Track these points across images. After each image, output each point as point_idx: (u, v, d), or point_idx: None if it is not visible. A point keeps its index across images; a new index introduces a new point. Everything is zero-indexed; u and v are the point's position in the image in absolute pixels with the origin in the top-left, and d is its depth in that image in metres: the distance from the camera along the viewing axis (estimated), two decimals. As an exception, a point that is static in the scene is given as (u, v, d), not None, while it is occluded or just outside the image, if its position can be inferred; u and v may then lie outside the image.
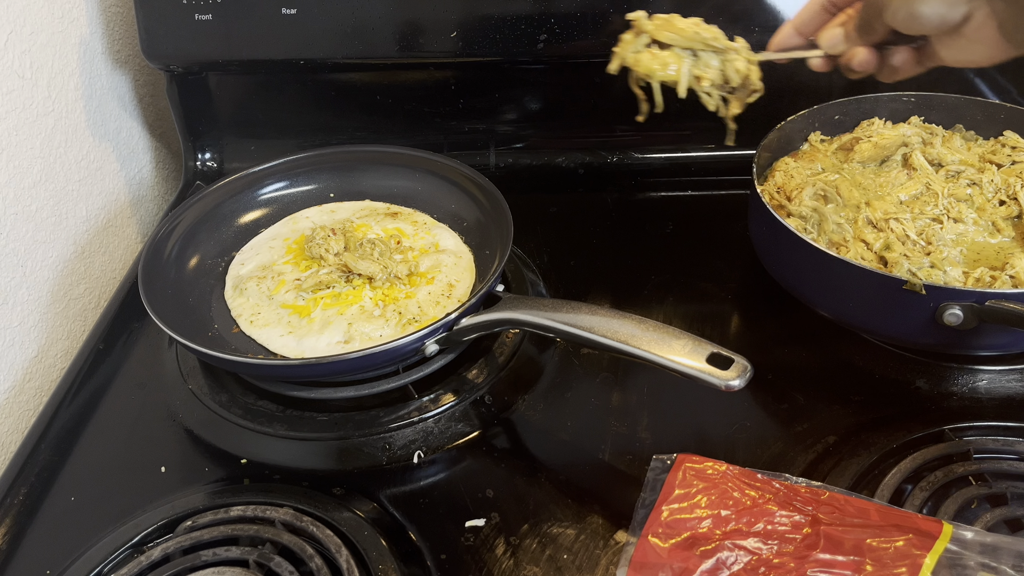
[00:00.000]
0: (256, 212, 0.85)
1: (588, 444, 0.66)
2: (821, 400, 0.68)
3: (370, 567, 0.55)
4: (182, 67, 0.93)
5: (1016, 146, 0.78)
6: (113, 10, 0.93)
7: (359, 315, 0.71)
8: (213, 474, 0.65)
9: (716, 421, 0.67)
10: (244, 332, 0.73)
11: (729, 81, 0.63)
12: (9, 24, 0.76)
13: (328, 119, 0.99)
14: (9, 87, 0.76)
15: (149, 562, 0.57)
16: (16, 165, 0.77)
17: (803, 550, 0.51)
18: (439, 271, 0.76)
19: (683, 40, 0.63)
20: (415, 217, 0.83)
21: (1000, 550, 0.50)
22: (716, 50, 0.62)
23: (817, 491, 0.55)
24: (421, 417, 0.67)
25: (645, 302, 0.79)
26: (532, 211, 0.90)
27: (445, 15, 0.88)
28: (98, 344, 0.78)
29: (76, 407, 0.72)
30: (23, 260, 0.78)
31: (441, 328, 0.65)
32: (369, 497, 0.62)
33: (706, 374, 0.55)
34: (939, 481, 0.58)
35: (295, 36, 0.88)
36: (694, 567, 0.51)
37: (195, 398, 0.70)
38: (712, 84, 0.63)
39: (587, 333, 0.60)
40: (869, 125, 0.83)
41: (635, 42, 0.64)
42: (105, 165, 0.92)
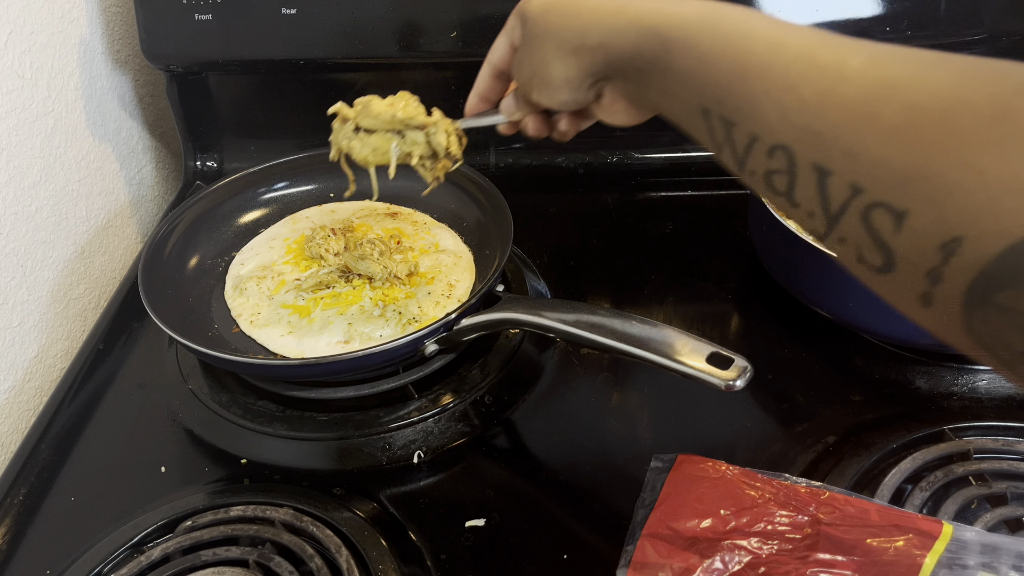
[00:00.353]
0: (256, 212, 0.86)
1: (588, 444, 0.66)
2: (821, 400, 0.68)
3: (370, 567, 0.55)
4: (182, 67, 0.93)
5: (1016, 146, 0.78)
6: (113, 10, 0.93)
7: (359, 315, 0.71)
8: (213, 474, 0.65)
9: (716, 421, 0.67)
10: (244, 332, 0.73)
11: (437, 152, 0.66)
12: (9, 24, 0.76)
13: (328, 119, 0.99)
14: (9, 87, 0.76)
15: (149, 562, 0.57)
16: (16, 165, 0.77)
17: (803, 550, 0.51)
18: (439, 271, 0.76)
19: (384, 124, 0.66)
20: (415, 217, 0.84)
21: (1000, 550, 0.50)
22: (417, 127, 0.65)
23: (817, 491, 0.55)
24: (421, 417, 0.67)
25: (645, 302, 0.79)
26: (532, 211, 0.90)
27: (445, 15, 0.88)
28: (98, 344, 0.78)
29: (76, 407, 0.72)
30: (23, 260, 0.78)
31: (441, 328, 0.65)
32: (369, 497, 0.62)
33: (706, 374, 0.55)
34: (939, 481, 0.58)
35: (295, 36, 0.88)
36: (694, 567, 0.51)
37: (195, 398, 0.70)
38: (423, 158, 0.66)
39: (587, 333, 0.60)
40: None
41: (344, 129, 0.68)
42: (105, 165, 0.92)
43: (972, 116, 0.28)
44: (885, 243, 0.31)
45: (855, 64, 0.33)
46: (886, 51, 0.33)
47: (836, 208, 0.32)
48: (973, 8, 0.87)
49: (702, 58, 0.39)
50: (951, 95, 0.29)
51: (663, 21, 0.41)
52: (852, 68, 0.33)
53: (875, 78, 0.32)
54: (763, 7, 0.87)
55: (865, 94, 0.32)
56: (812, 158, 0.33)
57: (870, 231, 0.31)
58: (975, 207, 0.27)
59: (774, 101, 0.35)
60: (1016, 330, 0.27)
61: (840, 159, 0.32)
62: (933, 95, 0.30)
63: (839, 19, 0.88)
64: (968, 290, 0.28)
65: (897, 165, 0.30)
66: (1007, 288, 0.27)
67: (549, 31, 0.47)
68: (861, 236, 0.31)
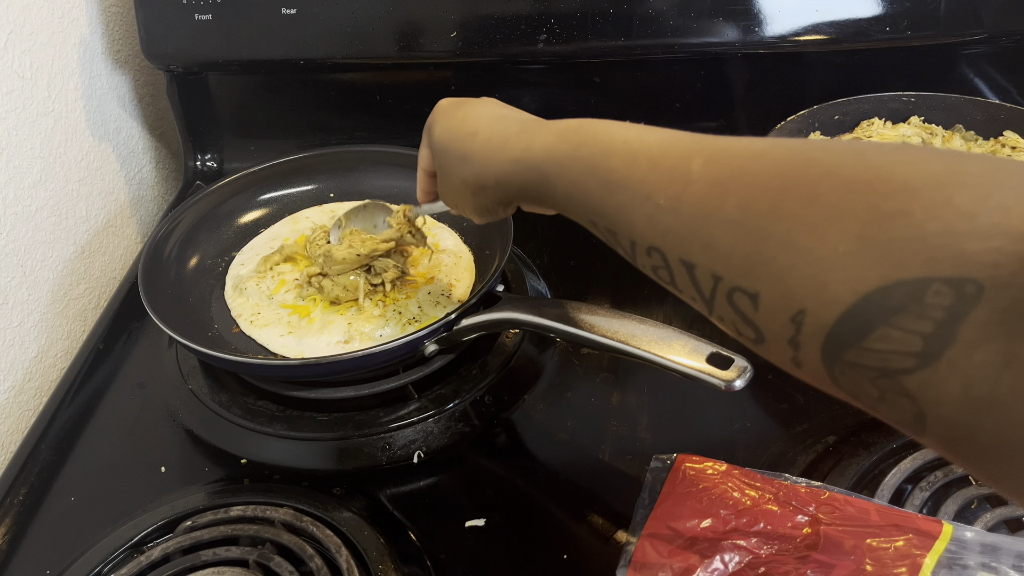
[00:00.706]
0: (256, 212, 0.86)
1: (588, 444, 0.66)
2: (821, 400, 0.68)
3: (370, 567, 0.55)
4: (182, 67, 0.93)
5: (1016, 146, 0.78)
6: (113, 10, 0.93)
7: (359, 315, 0.71)
8: (213, 474, 0.65)
9: (716, 421, 0.67)
10: (244, 332, 0.72)
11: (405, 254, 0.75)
12: (9, 24, 0.76)
13: (328, 119, 0.99)
14: (9, 87, 0.76)
15: (149, 562, 0.57)
16: (16, 165, 0.77)
17: (803, 550, 0.51)
18: (439, 271, 0.76)
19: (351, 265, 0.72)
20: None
21: (1000, 550, 0.50)
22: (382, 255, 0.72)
23: (817, 491, 0.55)
24: (421, 417, 0.67)
25: (645, 302, 0.79)
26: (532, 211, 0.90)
27: (445, 15, 0.88)
28: (98, 344, 0.78)
29: (76, 407, 0.72)
30: (23, 260, 0.78)
31: (441, 328, 0.65)
32: (369, 497, 0.62)
33: (706, 374, 0.55)
34: (939, 481, 0.58)
35: (295, 36, 0.88)
36: (694, 567, 0.51)
37: (195, 398, 0.70)
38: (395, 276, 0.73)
39: (587, 333, 0.60)
40: (869, 125, 0.83)
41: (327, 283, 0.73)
42: (105, 165, 0.92)
43: (792, 201, 0.32)
44: (751, 320, 0.35)
45: (695, 167, 0.37)
46: (722, 148, 0.37)
47: (708, 294, 0.37)
48: (973, 8, 0.87)
49: (575, 183, 0.44)
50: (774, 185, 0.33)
51: (536, 156, 0.46)
52: (694, 171, 0.37)
53: (713, 177, 0.36)
54: (765, 7, 0.87)
55: (707, 194, 0.36)
56: (678, 255, 0.38)
57: (737, 311, 0.35)
58: (809, 282, 0.31)
59: (639, 210, 0.39)
60: (868, 382, 0.30)
61: (699, 253, 0.36)
62: (761, 185, 0.34)
63: (839, 19, 0.88)
64: (822, 352, 0.32)
65: (743, 253, 0.34)
66: (850, 347, 0.30)
67: (451, 171, 0.54)
68: (733, 316, 0.36)
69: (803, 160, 0.34)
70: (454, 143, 0.53)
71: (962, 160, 0.30)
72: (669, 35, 0.88)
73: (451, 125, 0.54)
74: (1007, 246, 0.26)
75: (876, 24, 0.87)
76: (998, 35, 0.90)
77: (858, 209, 0.30)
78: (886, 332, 0.29)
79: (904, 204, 0.29)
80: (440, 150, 0.55)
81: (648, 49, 0.89)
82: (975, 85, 0.96)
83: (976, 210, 0.27)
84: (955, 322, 0.27)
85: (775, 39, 0.88)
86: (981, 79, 0.96)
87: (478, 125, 0.52)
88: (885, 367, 0.29)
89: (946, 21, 0.87)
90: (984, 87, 0.96)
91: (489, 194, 0.52)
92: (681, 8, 0.87)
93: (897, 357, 0.29)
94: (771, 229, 0.33)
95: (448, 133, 0.54)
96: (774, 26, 0.88)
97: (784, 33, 0.88)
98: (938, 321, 0.27)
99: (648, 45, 0.89)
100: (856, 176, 0.31)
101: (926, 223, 0.28)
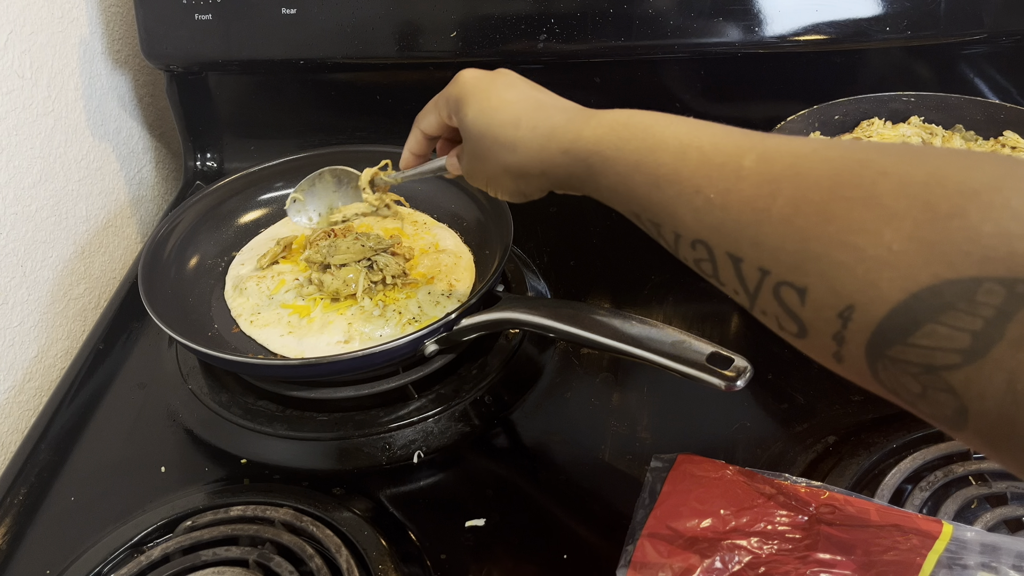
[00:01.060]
0: (256, 212, 0.86)
1: (588, 444, 0.66)
2: (821, 400, 0.68)
3: (370, 567, 0.55)
4: (182, 67, 0.93)
5: (1016, 146, 0.78)
6: (113, 10, 0.93)
7: (359, 315, 0.71)
8: (213, 474, 0.65)
9: (716, 421, 0.67)
10: (244, 332, 0.72)
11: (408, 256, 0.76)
12: (9, 24, 0.76)
13: (328, 119, 0.99)
14: (9, 87, 0.76)
15: (149, 562, 0.57)
16: (16, 165, 0.77)
17: (803, 550, 0.51)
18: (439, 271, 0.76)
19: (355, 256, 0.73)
20: (415, 217, 0.83)
21: (1000, 550, 0.50)
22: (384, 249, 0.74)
23: (817, 491, 0.55)
24: (421, 417, 0.67)
25: (645, 302, 0.79)
26: (532, 211, 0.89)
27: (445, 15, 0.88)
28: (98, 344, 0.78)
29: (76, 407, 0.72)
30: (23, 260, 0.78)
31: (441, 328, 0.65)
32: (369, 497, 0.62)
33: (706, 374, 0.55)
34: (939, 481, 0.58)
35: (295, 36, 0.88)
36: (694, 567, 0.51)
37: (195, 398, 0.70)
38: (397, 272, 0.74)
39: (587, 333, 0.60)
40: (869, 125, 0.83)
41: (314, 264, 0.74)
42: (105, 165, 0.92)
43: (845, 203, 0.33)
44: (796, 314, 0.36)
45: (747, 163, 0.38)
46: (773, 146, 0.38)
47: (752, 288, 0.37)
48: (973, 8, 0.87)
49: (621, 176, 0.44)
50: (827, 184, 0.34)
51: (584, 148, 0.47)
52: (745, 167, 0.38)
53: (764, 174, 0.37)
54: (765, 7, 0.87)
55: (757, 190, 0.37)
56: (725, 248, 0.38)
57: (782, 305, 0.36)
58: (859, 279, 0.32)
59: (686, 204, 0.40)
60: (911, 377, 0.32)
61: (747, 248, 0.37)
62: (813, 185, 0.35)
63: (839, 19, 0.88)
64: (867, 348, 0.33)
65: (792, 249, 0.35)
66: (896, 343, 0.31)
67: (488, 157, 0.53)
68: (776, 309, 0.37)
69: (857, 160, 0.34)
70: (494, 130, 0.52)
71: (1018, 164, 0.31)
72: (669, 35, 0.88)
73: (488, 109, 0.52)
74: None
75: (876, 24, 0.87)
76: (998, 35, 0.90)
77: (914, 210, 0.31)
78: (933, 329, 0.30)
79: (960, 206, 0.30)
80: (477, 135, 0.53)
81: (648, 49, 0.90)
82: (975, 85, 0.96)
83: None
84: (1004, 320, 0.28)
85: (775, 39, 0.88)
86: (981, 79, 0.96)
87: (519, 113, 0.51)
88: (930, 363, 0.30)
89: (946, 21, 0.87)
90: (984, 87, 0.96)
91: (532, 182, 0.52)
92: (681, 8, 0.87)
93: (943, 353, 0.30)
94: (823, 227, 0.33)
95: (485, 118, 0.52)
96: (774, 26, 0.88)
97: (784, 33, 0.88)
98: (988, 319, 0.28)
99: (648, 45, 0.89)
100: (912, 177, 0.32)
101: (981, 224, 0.29)
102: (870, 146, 0.35)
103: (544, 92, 0.54)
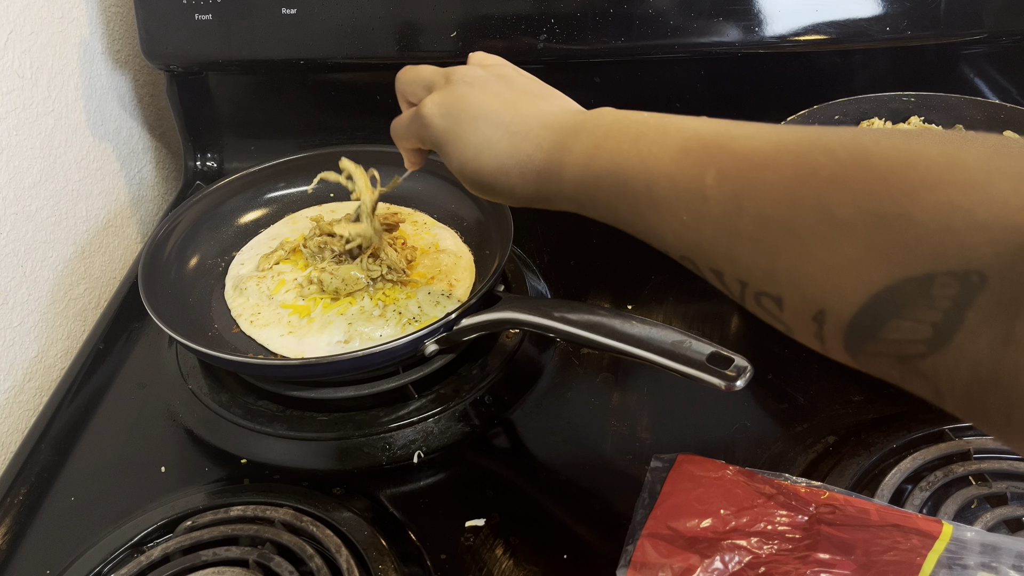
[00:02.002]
0: (256, 212, 0.85)
1: (588, 444, 0.66)
2: (821, 400, 0.68)
3: (370, 567, 0.55)
4: (182, 67, 0.93)
5: (1016, 146, 0.78)
6: (113, 10, 0.93)
7: (359, 315, 0.71)
8: (213, 474, 0.65)
9: (716, 421, 0.67)
10: (244, 332, 0.72)
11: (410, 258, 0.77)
12: (9, 24, 0.76)
13: (328, 119, 0.99)
14: (9, 87, 0.76)
15: (149, 562, 0.57)
16: (16, 165, 0.77)
17: (803, 550, 0.51)
18: (439, 271, 0.76)
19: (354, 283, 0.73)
20: (415, 217, 0.83)
21: (1000, 550, 0.50)
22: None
23: (817, 491, 0.55)
24: (421, 417, 0.67)
25: (645, 302, 0.79)
26: (532, 211, 0.89)
27: (445, 15, 0.88)
28: (98, 344, 0.78)
29: (76, 407, 0.72)
30: (23, 260, 0.78)
31: (441, 328, 0.65)
32: (369, 497, 0.62)
33: (706, 374, 0.55)
34: (939, 481, 0.58)
35: (295, 36, 0.88)
36: (694, 567, 0.51)
37: (195, 398, 0.70)
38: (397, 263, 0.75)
39: (587, 333, 0.60)
40: (869, 125, 0.83)
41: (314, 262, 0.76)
42: (105, 165, 0.92)
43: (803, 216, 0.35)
44: (779, 318, 0.38)
45: (709, 182, 0.39)
46: (729, 158, 0.39)
47: (737, 295, 0.40)
48: (973, 8, 0.87)
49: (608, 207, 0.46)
50: (783, 200, 0.36)
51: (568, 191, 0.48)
52: (708, 187, 0.39)
53: (726, 192, 0.38)
54: (765, 7, 0.87)
55: (723, 208, 0.38)
56: (707, 264, 0.41)
57: (766, 310, 0.39)
58: (825, 287, 0.34)
59: (667, 228, 0.42)
60: (888, 367, 0.34)
61: (724, 263, 0.39)
62: (772, 203, 0.36)
63: (839, 19, 0.88)
64: (844, 345, 0.35)
65: (763, 265, 0.37)
66: (868, 340, 0.33)
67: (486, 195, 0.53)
68: (762, 313, 0.39)
69: (807, 169, 0.35)
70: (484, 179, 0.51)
71: (961, 149, 0.32)
72: (669, 35, 0.88)
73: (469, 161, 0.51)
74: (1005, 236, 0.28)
75: (876, 24, 0.87)
76: (998, 35, 0.90)
77: (864, 218, 0.32)
78: (898, 324, 0.32)
79: (905, 208, 0.31)
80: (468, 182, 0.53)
81: (648, 49, 0.89)
82: (975, 85, 0.96)
83: (974, 206, 0.29)
84: (962, 309, 0.29)
85: (775, 39, 0.88)
86: (981, 79, 0.96)
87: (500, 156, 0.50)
88: (901, 354, 0.32)
89: (946, 21, 0.87)
90: (984, 87, 0.96)
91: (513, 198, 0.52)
92: (681, 8, 0.87)
93: (910, 344, 0.31)
94: (788, 241, 0.35)
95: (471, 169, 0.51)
96: (774, 26, 0.88)
97: (784, 33, 0.88)
98: (946, 310, 0.30)
99: (648, 45, 0.89)
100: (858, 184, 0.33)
101: (927, 223, 0.30)
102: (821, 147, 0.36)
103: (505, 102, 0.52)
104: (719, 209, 0.38)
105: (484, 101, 0.52)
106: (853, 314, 0.33)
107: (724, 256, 0.39)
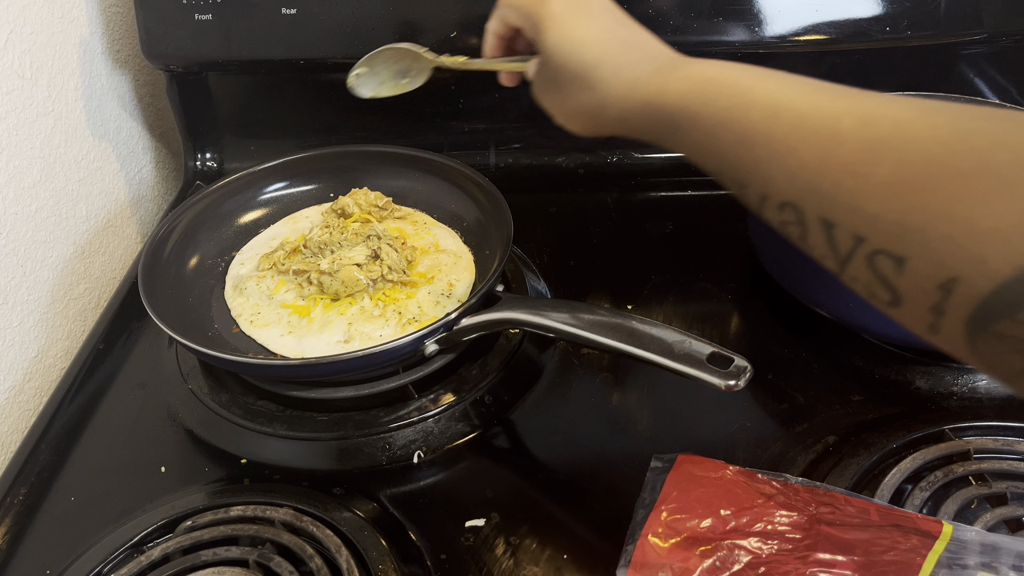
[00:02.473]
0: (256, 212, 0.85)
1: (588, 444, 0.66)
2: (821, 400, 0.68)
3: (370, 567, 0.55)
4: (182, 67, 0.93)
5: (1016, 146, 0.78)
6: (113, 10, 0.93)
7: (359, 315, 0.71)
8: (213, 474, 0.65)
9: (716, 421, 0.67)
10: (244, 332, 0.72)
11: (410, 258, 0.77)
12: (9, 24, 0.76)
13: (328, 119, 0.99)
14: (9, 87, 0.76)
15: (149, 562, 0.57)
16: (16, 165, 0.77)
17: (803, 550, 0.51)
18: (439, 271, 0.76)
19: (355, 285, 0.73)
20: (415, 217, 0.83)
21: (1000, 550, 0.50)
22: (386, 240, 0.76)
23: (817, 491, 0.55)
24: (421, 417, 0.67)
25: (645, 302, 0.79)
26: (532, 211, 0.90)
27: (445, 15, 0.88)
28: (98, 344, 0.78)
29: (76, 407, 0.72)
30: (23, 260, 0.78)
31: (441, 328, 0.65)
32: (369, 497, 0.62)
33: (706, 374, 0.55)
34: (939, 481, 0.58)
35: (295, 36, 0.88)
36: (694, 567, 0.51)
37: (195, 398, 0.70)
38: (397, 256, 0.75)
39: (587, 333, 0.60)
40: (869, 125, 0.83)
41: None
42: (105, 165, 0.92)
43: (956, 172, 0.31)
44: (890, 283, 0.34)
45: (847, 126, 0.36)
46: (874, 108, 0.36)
47: (844, 254, 0.36)
48: (973, 8, 0.87)
49: (708, 134, 0.42)
50: (935, 152, 0.32)
51: (669, 103, 0.44)
52: (845, 130, 0.36)
53: (866, 139, 0.35)
54: (765, 7, 0.87)
55: (858, 155, 0.35)
56: (818, 213, 0.37)
57: (876, 273, 0.34)
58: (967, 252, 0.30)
59: (778, 165, 0.38)
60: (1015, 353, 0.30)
61: (842, 213, 0.35)
62: (919, 152, 0.33)
63: (839, 19, 0.88)
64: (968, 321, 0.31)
65: (893, 218, 0.33)
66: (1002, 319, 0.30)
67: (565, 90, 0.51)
68: (869, 277, 0.35)
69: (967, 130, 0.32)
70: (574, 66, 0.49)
71: None
72: (669, 35, 0.87)
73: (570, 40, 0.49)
74: None
75: (876, 24, 0.87)
76: (998, 35, 0.90)
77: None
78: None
79: None
80: (556, 65, 0.51)
81: (648, 49, 0.89)
82: (975, 85, 0.96)
83: None
84: None
85: (775, 39, 0.88)
86: (981, 79, 0.96)
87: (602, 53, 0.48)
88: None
89: (946, 21, 0.87)
90: (984, 87, 0.96)
91: (605, 124, 0.50)
92: (681, 8, 0.87)
93: None
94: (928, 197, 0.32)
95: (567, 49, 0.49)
96: (774, 26, 0.88)
97: (784, 33, 0.88)
98: None
99: (648, 45, 0.89)
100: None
101: None
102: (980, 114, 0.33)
103: (628, 27, 0.51)
104: (853, 155, 0.35)
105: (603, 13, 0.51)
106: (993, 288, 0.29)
107: (846, 205, 0.35)
